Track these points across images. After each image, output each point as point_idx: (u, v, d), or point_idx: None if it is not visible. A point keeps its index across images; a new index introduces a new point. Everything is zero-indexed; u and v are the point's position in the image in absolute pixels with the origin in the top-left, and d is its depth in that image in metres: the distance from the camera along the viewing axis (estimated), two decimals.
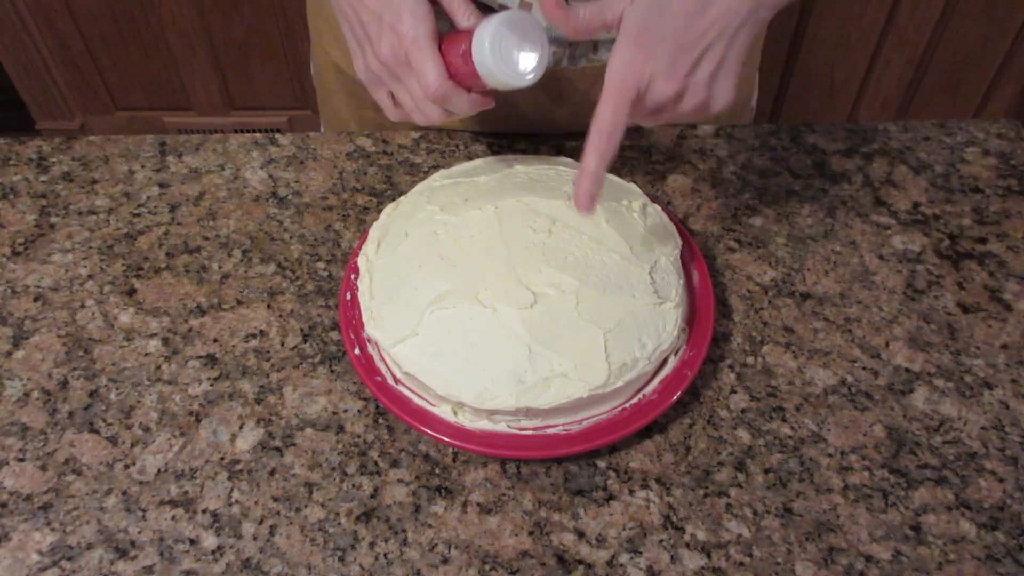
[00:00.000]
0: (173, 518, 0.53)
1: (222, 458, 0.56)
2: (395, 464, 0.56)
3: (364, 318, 0.58)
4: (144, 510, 0.53)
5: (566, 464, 0.56)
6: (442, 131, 0.78)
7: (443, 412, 0.55)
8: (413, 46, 0.54)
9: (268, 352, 0.62)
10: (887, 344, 0.62)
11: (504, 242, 0.58)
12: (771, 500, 0.54)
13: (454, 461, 0.56)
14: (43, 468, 0.55)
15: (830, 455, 0.56)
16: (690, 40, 0.49)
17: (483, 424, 0.54)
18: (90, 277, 0.66)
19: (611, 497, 0.54)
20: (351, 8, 0.57)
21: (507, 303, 0.55)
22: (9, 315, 0.64)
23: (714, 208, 0.71)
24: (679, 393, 0.55)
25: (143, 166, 0.75)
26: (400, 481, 0.55)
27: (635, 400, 0.56)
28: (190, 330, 0.63)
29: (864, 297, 0.65)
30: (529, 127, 0.77)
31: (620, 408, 0.55)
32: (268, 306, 0.64)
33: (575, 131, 0.77)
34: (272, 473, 0.55)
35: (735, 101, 0.54)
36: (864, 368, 0.61)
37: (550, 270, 0.57)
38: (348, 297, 0.61)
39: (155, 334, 0.63)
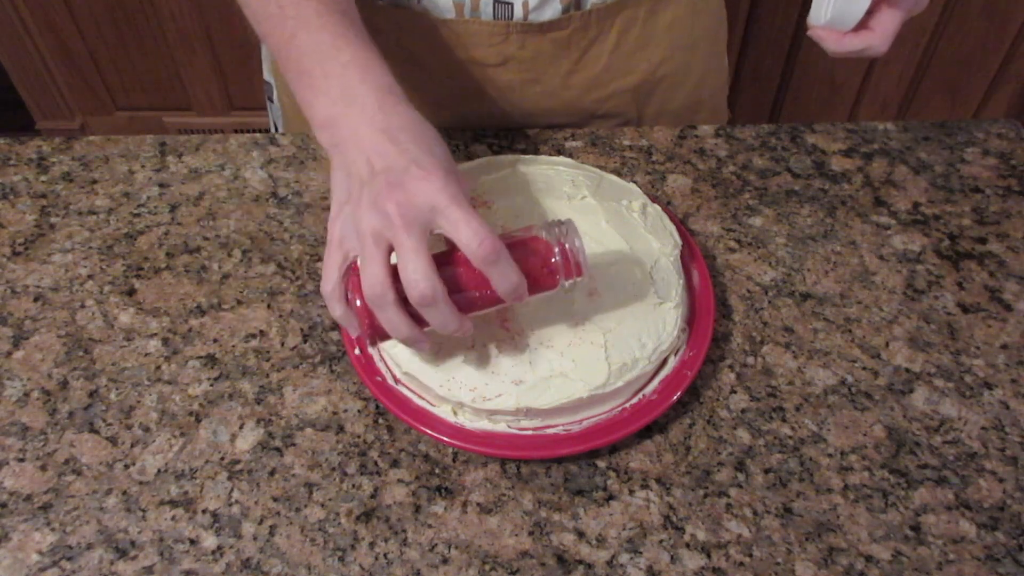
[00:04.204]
0: (173, 518, 0.53)
1: (222, 458, 0.56)
2: (395, 464, 0.56)
3: None
4: (144, 510, 0.53)
5: (566, 464, 0.56)
6: (442, 131, 0.77)
7: (443, 412, 0.55)
8: (453, 201, 0.45)
9: (268, 352, 0.62)
10: (887, 344, 0.62)
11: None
12: (771, 500, 0.54)
13: (454, 461, 0.56)
14: (43, 468, 0.55)
15: (830, 455, 0.56)
16: None
17: (483, 424, 0.54)
18: (90, 277, 0.66)
19: (611, 497, 0.54)
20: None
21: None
22: (9, 315, 0.64)
23: (714, 208, 0.71)
24: (679, 393, 0.55)
25: (143, 166, 0.75)
26: (400, 481, 0.55)
27: (635, 400, 0.56)
28: (190, 330, 0.63)
29: (864, 297, 0.65)
30: (532, 120, 0.78)
31: (620, 408, 0.55)
32: (268, 306, 0.64)
33: (575, 120, 0.78)
34: (272, 473, 0.55)
35: None
36: (864, 368, 0.61)
37: None
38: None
39: (155, 334, 0.63)
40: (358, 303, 0.47)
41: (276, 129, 0.90)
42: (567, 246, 0.49)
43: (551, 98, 0.76)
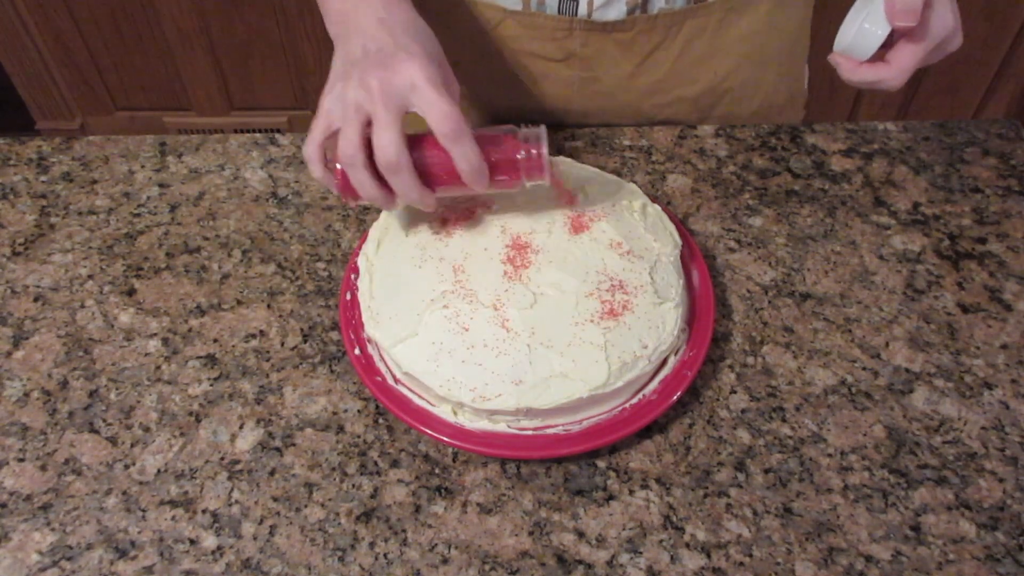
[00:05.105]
0: (173, 518, 0.53)
1: (222, 458, 0.56)
2: (395, 464, 0.56)
3: (364, 318, 0.58)
4: (144, 510, 0.53)
5: (566, 464, 0.56)
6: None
7: (443, 412, 0.55)
8: (429, 83, 0.50)
9: (268, 352, 0.62)
10: (887, 344, 0.62)
11: (504, 242, 0.58)
12: (771, 500, 0.54)
13: (454, 461, 0.56)
14: (43, 468, 0.55)
15: (830, 455, 0.56)
16: None
17: (483, 424, 0.54)
18: (90, 277, 0.66)
19: (611, 497, 0.54)
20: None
21: (507, 303, 0.55)
22: (9, 315, 0.64)
23: (714, 208, 0.71)
24: (679, 393, 0.55)
25: (143, 166, 0.75)
26: (400, 481, 0.55)
27: (635, 400, 0.56)
28: (190, 330, 0.63)
29: (864, 297, 0.65)
30: (587, 119, 0.78)
31: (620, 408, 0.55)
32: (268, 306, 0.64)
33: (593, 121, 0.78)
34: (272, 473, 0.55)
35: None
36: (864, 368, 0.61)
37: (550, 270, 0.57)
38: (348, 297, 0.61)
39: (155, 334, 0.63)
40: (338, 166, 0.53)
41: None
42: (532, 150, 0.54)
43: (609, 99, 0.76)
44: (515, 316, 0.54)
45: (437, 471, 0.55)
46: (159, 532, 0.52)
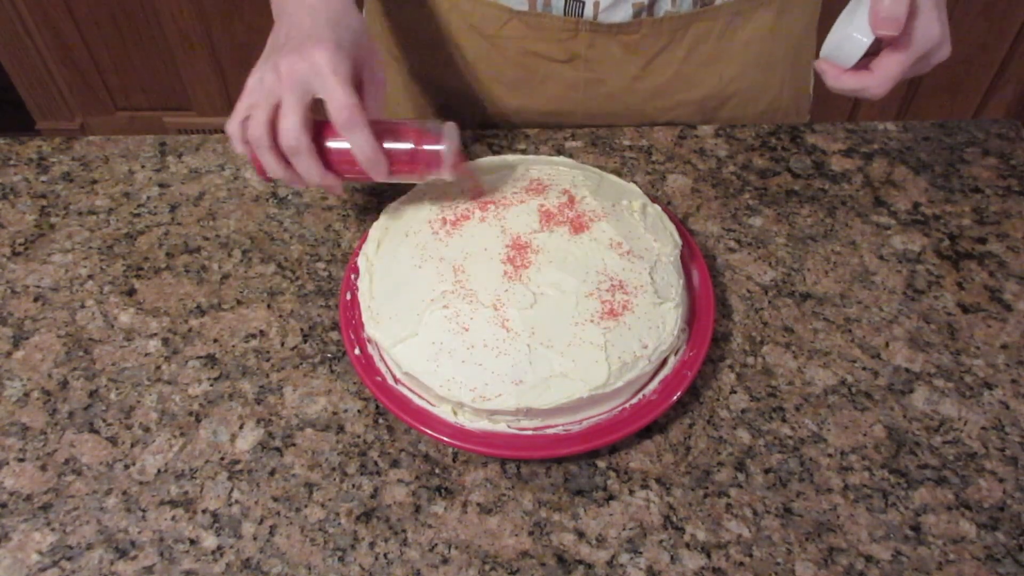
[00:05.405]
0: (173, 518, 0.53)
1: (222, 458, 0.56)
2: (395, 464, 0.56)
3: (364, 318, 0.58)
4: (144, 510, 0.53)
5: (566, 464, 0.56)
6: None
7: (443, 412, 0.55)
8: (333, 73, 0.52)
9: (268, 352, 0.62)
10: (887, 344, 0.62)
11: (504, 242, 0.58)
12: (771, 500, 0.54)
13: (454, 461, 0.56)
14: (43, 468, 0.55)
15: (830, 455, 0.56)
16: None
17: (483, 424, 0.54)
18: (90, 277, 0.66)
19: (611, 497, 0.54)
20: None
21: (507, 303, 0.55)
22: (9, 315, 0.64)
23: (714, 208, 0.71)
24: (679, 393, 0.55)
25: (143, 166, 0.75)
26: (400, 481, 0.55)
27: (635, 400, 0.56)
28: (190, 330, 0.63)
29: (864, 297, 0.65)
30: (592, 120, 0.79)
31: (620, 408, 0.55)
32: (268, 306, 0.64)
33: (592, 121, 0.78)
34: (272, 473, 0.55)
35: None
36: (864, 368, 0.61)
37: (550, 270, 0.57)
38: (348, 297, 0.61)
39: (155, 334, 0.63)
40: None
41: None
42: (430, 144, 0.56)
43: (614, 101, 0.77)
44: (515, 316, 0.54)
45: (437, 471, 0.55)
46: (159, 532, 0.52)
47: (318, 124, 0.55)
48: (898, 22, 0.52)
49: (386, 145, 0.55)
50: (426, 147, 0.56)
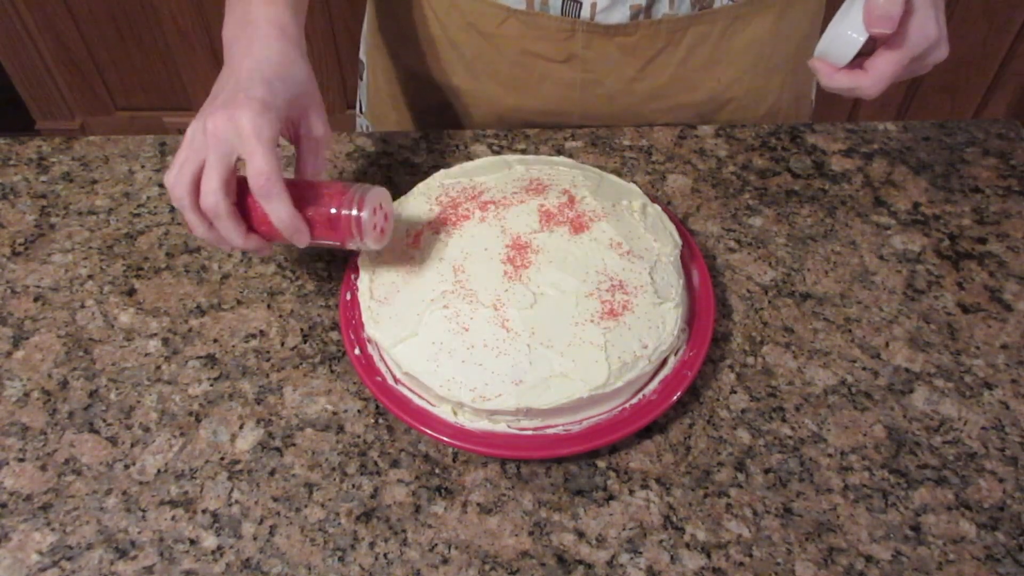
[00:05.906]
0: (173, 518, 0.53)
1: (222, 458, 0.56)
2: (395, 464, 0.56)
3: (364, 318, 0.58)
4: (144, 510, 0.53)
5: (566, 464, 0.56)
6: (442, 131, 0.78)
7: (443, 412, 0.55)
8: (254, 135, 0.50)
9: (268, 352, 0.62)
10: (887, 344, 0.62)
11: (504, 242, 0.58)
12: (771, 500, 0.54)
13: (454, 461, 0.56)
14: (43, 468, 0.55)
15: (830, 455, 0.56)
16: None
17: (483, 424, 0.54)
18: (90, 277, 0.66)
19: (611, 497, 0.54)
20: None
21: (507, 303, 0.55)
22: (9, 315, 0.64)
23: (714, 208, 0.71)
24: (679, 393, 0.55)
25: (143, 166, 0.75)
26: (400, 481, 0.55)
27: (635, 400, 0.56)
28: (190, 330, 0.63)
29: (864, 297, 0.65)
30: (589, 121, 0.78)
31: (620, 408, 0.55)
32: (268, 306, 0.64)
33: (591, 122, 0.78)
34: (272, 473, 0.55)
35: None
36: (864, 368, 0.61)
37: (550, 270, 0.57)
38: (348, 297, 0.61)
39: (155, 334, 0.63)
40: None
41: (361, 107, 0.93)
42: (353, 210, 0.52)
43: (611, 102, 0.76)
44: (515, 316, 0.54)
45: (437, 471, 0.55)
46: (159, 532, 0.52)
47: (246, 183, 0.52)
48: (892, 20, 0.52)
49: (308, 210, 0.53)
50: (343, 212, 0.53)
